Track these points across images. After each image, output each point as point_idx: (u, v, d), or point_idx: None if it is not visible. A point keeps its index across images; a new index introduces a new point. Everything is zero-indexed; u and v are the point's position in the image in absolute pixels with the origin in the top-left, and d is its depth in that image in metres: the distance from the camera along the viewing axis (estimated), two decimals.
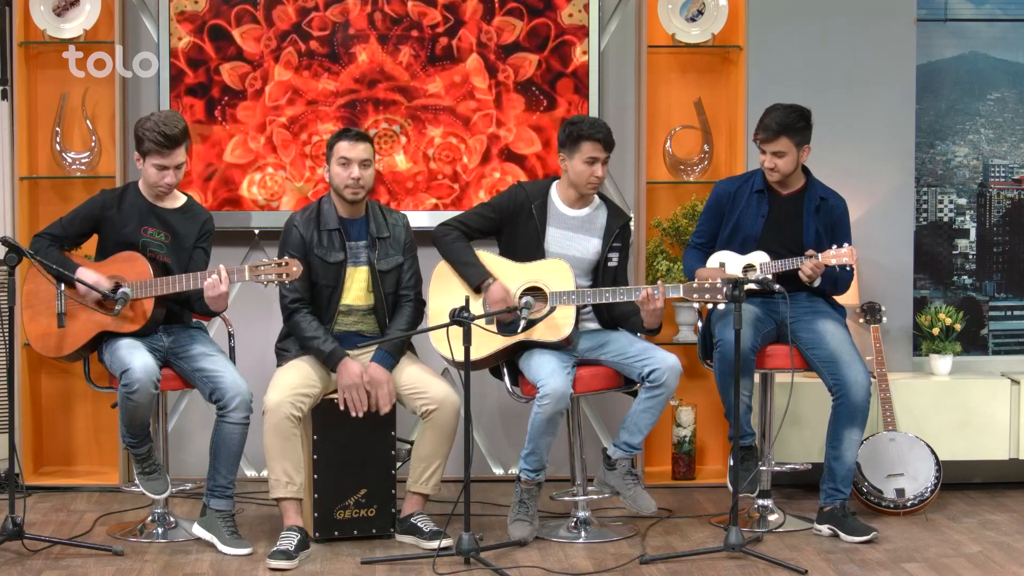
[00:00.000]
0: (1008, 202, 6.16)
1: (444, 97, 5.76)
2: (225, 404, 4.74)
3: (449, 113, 5.77)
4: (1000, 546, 4.89)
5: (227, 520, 4.78)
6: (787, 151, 4.97)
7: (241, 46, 5.69)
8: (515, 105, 5.79)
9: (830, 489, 4.97)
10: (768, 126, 4.97)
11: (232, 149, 5.73)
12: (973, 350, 6.13)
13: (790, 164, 5.00)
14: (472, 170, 5.78)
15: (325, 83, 5.72)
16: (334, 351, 4.79)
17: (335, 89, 5.73)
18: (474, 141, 5.78)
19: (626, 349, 4.89)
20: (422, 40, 5.74)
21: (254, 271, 4.68)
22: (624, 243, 5.07)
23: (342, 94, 5.73)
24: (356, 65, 5.73)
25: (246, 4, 5.68)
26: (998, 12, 6.09)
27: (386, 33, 5.73)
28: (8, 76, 5.64)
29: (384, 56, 5.74)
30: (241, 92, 5.71)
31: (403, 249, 4.98)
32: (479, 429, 5.87)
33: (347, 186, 4.84)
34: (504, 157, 5.80)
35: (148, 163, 4.80)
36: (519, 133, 5.80)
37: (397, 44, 5.73)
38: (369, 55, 5.73)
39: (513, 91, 5.78)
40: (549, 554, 4.73)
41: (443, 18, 5.74)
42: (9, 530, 4.58)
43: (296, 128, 5.73)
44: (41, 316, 4.87)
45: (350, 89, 5.73)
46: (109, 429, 5.70)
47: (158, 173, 4.80)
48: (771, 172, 5.03)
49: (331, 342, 4.81)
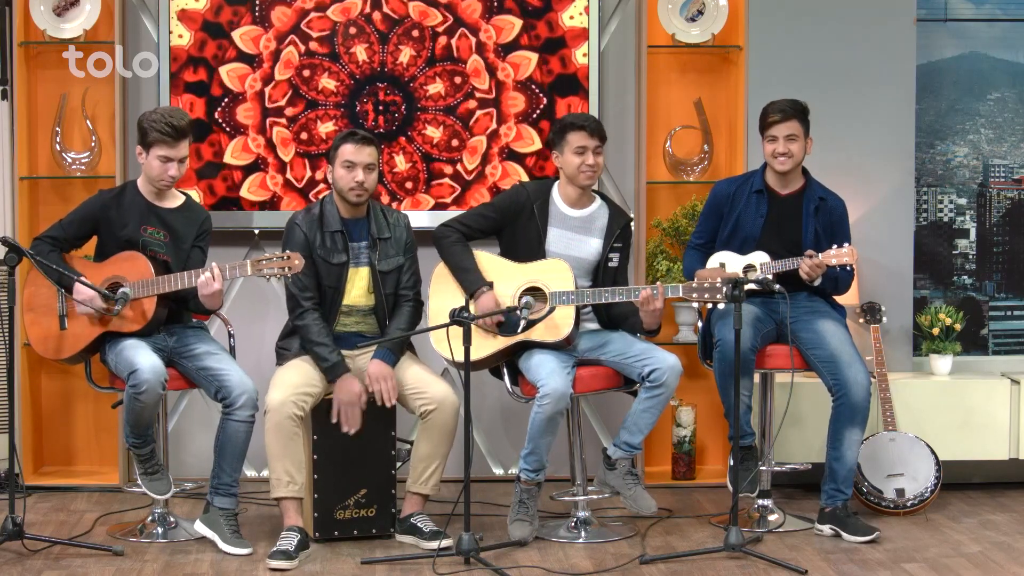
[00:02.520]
0: (1008, 202, 6.16)
1: (444, 98, 5.76)
2: (232, 402, 4.74)
3: (449, 113, 5.77)
4: (1000, 546, 4.89)
5: (230, 519, 4.78)
6: (799, 135, 4.99)
7: (240, 47, 5.69)
8: (515, 104, 5.79)
9: (831, 489, 4.97)
10: (780, 108, 4.98)
11: (232, 151, 5.73)
12: (973, 350, 6.13)
13: (802, 150, 5.01)
14: (472, 170, 5.78)
15: (325, 82, 5.72)
16: (337, 364, 4.78)
17: (334, 89, 5.73)
18: (474, 141, 5.78)
19: (626, 349, 4.89)
20: (422, 40, 5.73)
21: (256, 266, 4.68)
22: (625, 243, 5.07)
23: (341, 94, 5.73)
24: (356, 65, 5.73)
25: (244, 5, 5.68)
26: (998, 12, 6.09)
27: (386, 32, 5.72)
28: (8, 76, 5.64)
29: (384, 56, 5.74)
30: (240, 94, 5.71)
31: (403, 249, 4.98)
32: (479, 429, 5.87)
33: (351, 189, 4.84)
34: (504, 156, 5.80)
35: (152, 155, 4.79)
36: (519, 132, 5.80)
37: (398, 44, 5.73)
38: (369, 55, 5.73)
39: (513, 89, 5.79)
40: (549, 554, 4.73)
41: (443, 17, 5.74)
42: (9, 530, 4.58)
43: (295, 128, 5.73)
44: (42, 318, 4.87)
45: (350, 88, 5.73)
46: (109, 429, 5.70)
47: (162, 165, 4.80)
48: (784, 160, 4.99)
49: (337, 354, 4.81)
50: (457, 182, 5.79)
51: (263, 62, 5.71)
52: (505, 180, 5.76)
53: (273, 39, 5.71)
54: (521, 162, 5.80)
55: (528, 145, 5.81)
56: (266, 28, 5.70)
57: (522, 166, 5.80)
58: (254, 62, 5.71)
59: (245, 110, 5.73)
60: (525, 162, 5.80)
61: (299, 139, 5.74)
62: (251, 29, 5.70)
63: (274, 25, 5.70)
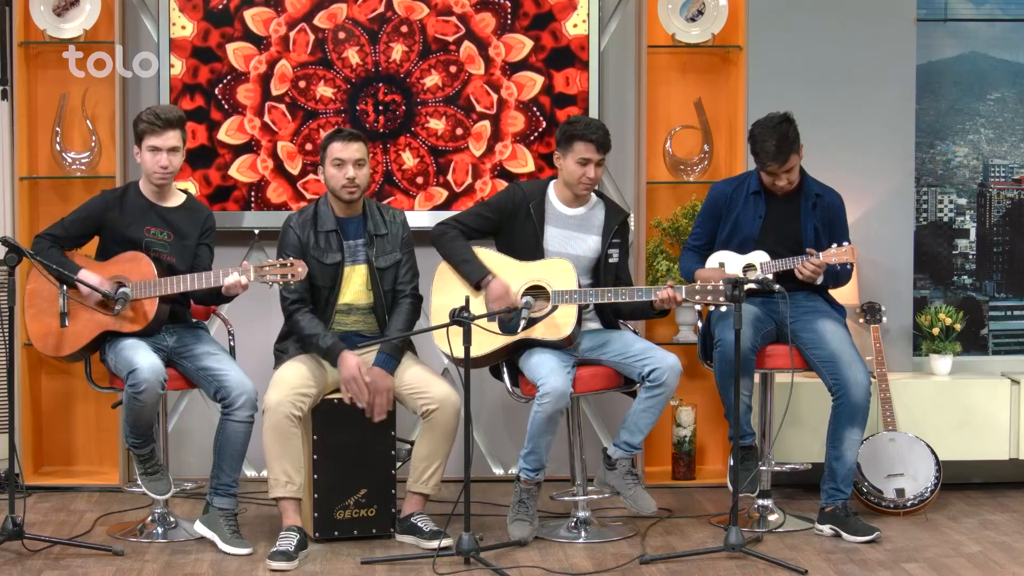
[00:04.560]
0: (1008, 202, 6.16)
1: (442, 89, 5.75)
2: (231, 402, 4.74)
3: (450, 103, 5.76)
4: (1000, 546, 4.89)
5: (229, 519, 4.79)
6: (795, 164, 4.99)
7: (251, 28, 5.69)
8: (515, 123, 5.79)
9: (831, 489, 4.97)
10: (773, 153, 4.92)
11: (227, 129, 5.73)
12: (973, 350, 6.13)
13: (798, 172, 5.02)
14: (462, 185, 5.77)
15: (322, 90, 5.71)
16: (334, 345, 4.79)
17: (332, 96, 5.71)
18: (479, 127, 5.76)
19: (626, 349, 4.89)
20: (412, 34, 5.73)
21: (259, 271, 4.69)
22: (623, 239, 5.07)
23: (340, 100, 5.73)
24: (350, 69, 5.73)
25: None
26: (998, 12, 6.09)
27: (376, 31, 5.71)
28: (8, 76, 5.64)
29: (377, 56, 5.73)
30: (244, 74, 5.70)
31: (401, 245, 4.98)
32: (479, 429, 5.87)
33: (343, 186, 4.84)
34: (496, 174, 5.79)
35: (144, 148, 4.81)
36: (515, 151, 5.80)
37: (388, 42, 5.72)
38: (361, 56, 5.72)
39: (514, 109, 5.78)
40: (549, 554, 4.73)
41: (455, 28, 5.74)
42: (9, 530, 4.59)
43: (299, 141, 5.72)
44: (43, 315, 4.87)
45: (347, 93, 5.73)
46: (109, 429, 5.70)
47: (153, 156, 4.80)
48: (785, 188, 5.02)
49: (331, 337, 4.81)
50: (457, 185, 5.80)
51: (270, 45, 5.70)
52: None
53: (264, 63, 5.70)
54: (512, 182, 5.77)
55: (522, 166, 5.79)
56: (261, 50, 5.69)
57: None
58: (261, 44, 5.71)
59: (246, 90, 5.71)
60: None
61: (304, 150, 5.74)
62: (242, 46, 5.69)
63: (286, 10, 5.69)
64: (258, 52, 5.70)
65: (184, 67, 5.68)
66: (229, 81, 5.70)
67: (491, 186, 5.76)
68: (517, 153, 5.80)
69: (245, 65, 5.70)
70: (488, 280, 4.90)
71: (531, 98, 5.77)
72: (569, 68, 5.77)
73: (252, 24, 5.70)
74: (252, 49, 5.71)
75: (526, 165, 5.80)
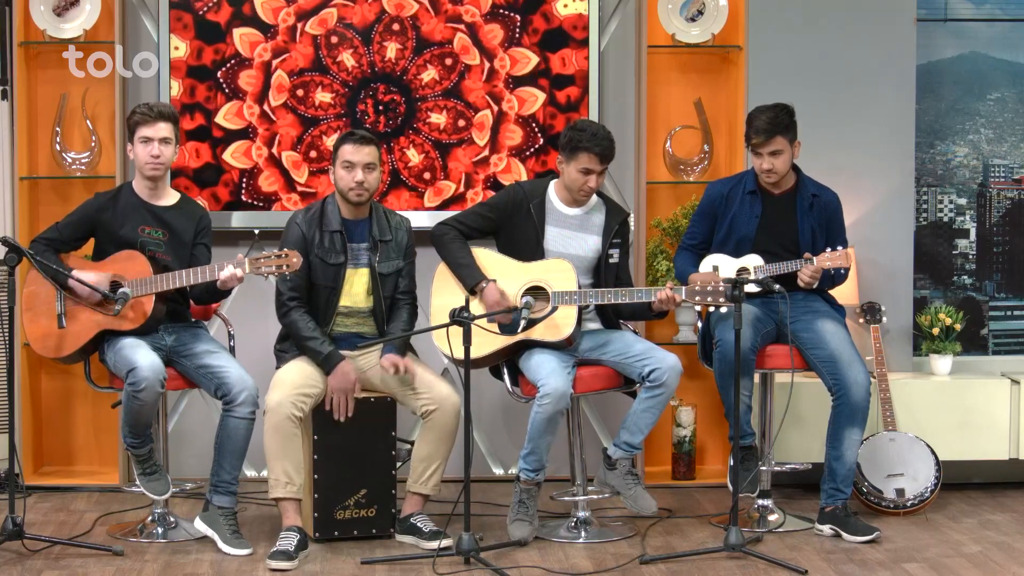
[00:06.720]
0: (1008, 202, 6.16)
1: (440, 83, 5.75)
2: (232, 399, 4.74)
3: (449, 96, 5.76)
4: (1000, 546, 4.89)
5: (229, 518, 4.78)
6: (783, 149, 4.97)
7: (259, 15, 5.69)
8: (512, 137, 5.79)
9: (831, 489, 4.97)
10: (761, 128, 4.95)
11: (225, 113, 5.73)
12: (973, 350, 6.13)
13: (786, 162, 5.01)
14: (453, 193, 5.77)
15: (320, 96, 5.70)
16: (332, 354, 4.79)
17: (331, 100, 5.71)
18: (481, 116, 5.76)
19: (626, 349, 4.89)
20: (404, 31, 5.72)
21: (254, 263, 4.69)
22: (624, 239, 5.07)
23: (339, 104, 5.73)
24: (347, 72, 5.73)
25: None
26: (998, 12, 6.09)
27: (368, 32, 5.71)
28: (8, 76, 5.64)
29: (372, 56, 5.73)
30: (248, 60, 5.70)
31: (404, 253, 4.98)
32: (479, 429, 5.87)
33: (351, 189, 4.83)
34: (488, 185, 5.79)
35: (136, 140, 4.83)
36: (508, 165, 5.79)
37: (382, 41, 5.72)
38: (356, 58, 5.73)
39: (513, 123, 5.78)
40: (549, 554, 4.73)
41: (461, 36, 5.74)
42: (9, 530, 4.58)
43: (303, 149, 5.72)
44: (41, 318, 4.87)
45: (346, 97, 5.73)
46: (109, 429, 5.70)
47: (144, 147, 4.81)
48: (768, 174, 5.02)
49: (328, 344, 4.81)
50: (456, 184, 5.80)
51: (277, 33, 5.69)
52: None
53: (260, 74, 5.71)
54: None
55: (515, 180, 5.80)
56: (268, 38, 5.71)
57: None
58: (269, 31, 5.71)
59: (248, 76, 5.71)
60: None
61: (308, 158, 5.74)
62: (248, 31, 5.70)
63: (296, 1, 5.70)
64: (264, 39, 5.70)
65: (188, 49, 5.68)
66: (232, 66, 5.70)
67: (483, 196, 5.75)
68: (511, 167, 5.79)
69: (250, 51, 5.70)
70: (483, 286, 4.90)
71: (530, 114, 5.77)
72: (564, 49, 5.76)
73: (261, 11, 5.70)
74: (258, 36, 5.70)
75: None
